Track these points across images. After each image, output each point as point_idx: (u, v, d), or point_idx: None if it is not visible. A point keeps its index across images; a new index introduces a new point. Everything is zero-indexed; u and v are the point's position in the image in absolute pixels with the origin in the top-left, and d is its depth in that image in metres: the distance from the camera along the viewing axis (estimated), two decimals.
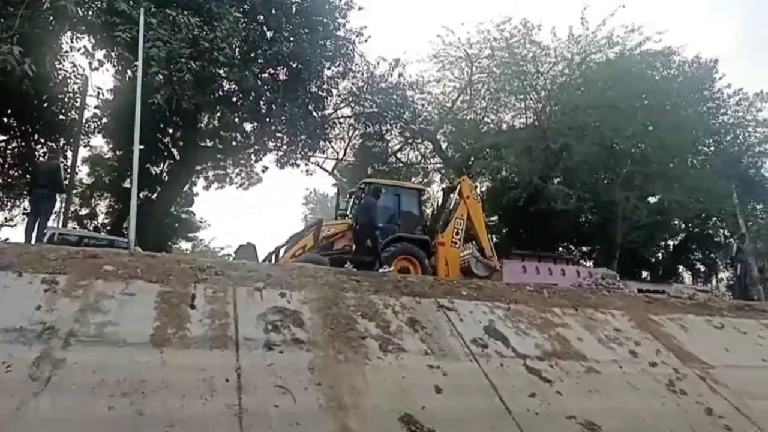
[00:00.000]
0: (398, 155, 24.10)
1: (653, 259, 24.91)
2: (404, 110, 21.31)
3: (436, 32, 22.26)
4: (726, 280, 23.72)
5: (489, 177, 23.36)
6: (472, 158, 22.50)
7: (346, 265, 9.87)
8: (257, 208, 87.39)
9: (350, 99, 21.30)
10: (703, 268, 24.49)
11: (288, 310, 6.64)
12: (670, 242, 24.91)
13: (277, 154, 20.38)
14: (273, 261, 11.53)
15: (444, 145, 23.70)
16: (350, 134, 23.01)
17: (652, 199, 22.07)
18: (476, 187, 23.26)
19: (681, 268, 24.91)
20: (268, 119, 18.56)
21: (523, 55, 20.92)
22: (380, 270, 9.88)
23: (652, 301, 10.48)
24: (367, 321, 6.81)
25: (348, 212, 13.16)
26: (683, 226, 23.96)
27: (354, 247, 11.94)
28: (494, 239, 15.81)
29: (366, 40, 19.49)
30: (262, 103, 18.39)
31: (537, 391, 6.38)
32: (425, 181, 23.80)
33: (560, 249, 22.94)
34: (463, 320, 7.47)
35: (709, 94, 22.66)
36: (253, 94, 17.76)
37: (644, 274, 23.70)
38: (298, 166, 20.88)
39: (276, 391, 5.28)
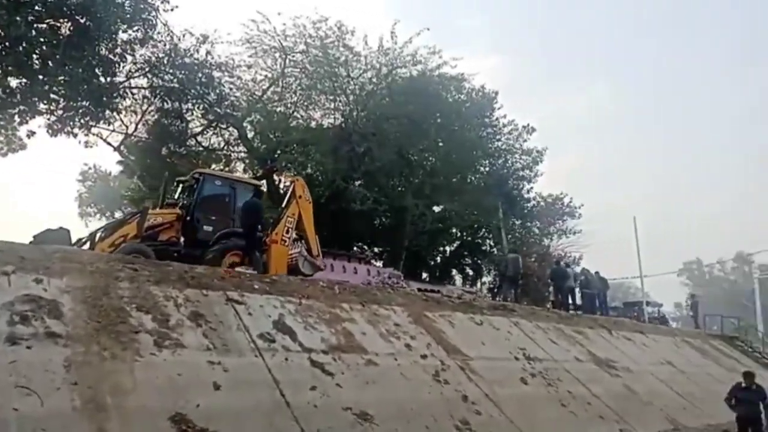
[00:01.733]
0: (199, 138, 22.56)
1: (432, 262, 27.53)
2: (209, 91, 20.08)
3: (251, 17, 21.47)
4: (488, 283, 27.38)
5: (294, 172, 23.35)
6: (279, 151, 22.21)
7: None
8: (19, 180, 74.01)
9: (147, 69, 19.30)
10: (471, 273, 27.84)
11: (43, 300, 5.71)
12: (448, 248, 27.77)
13: (49, 119, 17.37)
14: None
15: (250, 134, 22.93)
16: (144, 108, 20.80)
17: (436, 209, 24.40)
18: (280, 182, 23.12)
19: (454, 271, 27.96)
20: (41, 77, 15.75)
21: (336, 57, 21.42)
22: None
23: (428, 300, 11.56)
24: (142, 314, 6.19)
25: (178, 202, 12.31)
26: (459, 234, 26.96)
27: (183, 239, 11.33)
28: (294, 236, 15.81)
29: (172, 9, 17.91)
30: (35, 57, 15.56)
31: (318, 384, 6.50)
32: (227, 169, 22.70)
33: (355, 248, 23.98)
34: (252, 314, 7.28)
35: (489, 121, 25.92)
36: (24, 44, 14.93)
37: (424, 275, 26.04)
38: (75, 135, 18.06)
39: (18, 392, 4.51)
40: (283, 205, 13.64)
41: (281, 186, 22.56)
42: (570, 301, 18.25)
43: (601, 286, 19.80)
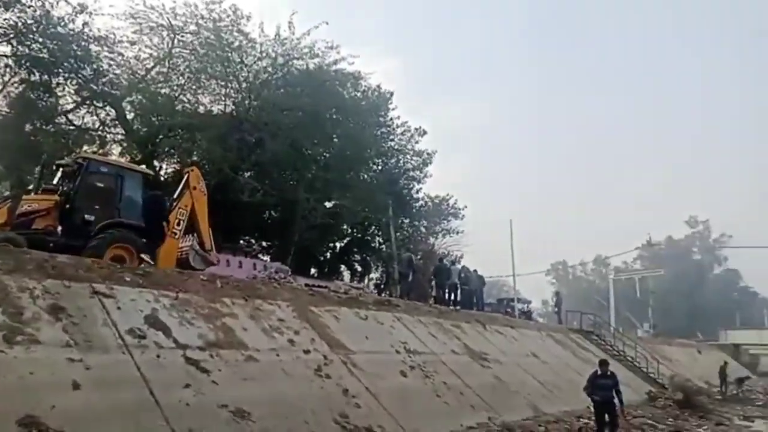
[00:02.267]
0: (70, 116, 20.51)
1: (322, 258, 27.50)
2: (84, 65, 18.32)
3: None
4: (375, 279, 27.90)
5: (177, 159, 22.10)
6: (162, 136, 20.91)
7: None
8: None
9: (12, 35, 17.19)
10: (359, 269, 28.20)
11: None
12: (338, 244, 27.90)
13: None
14: None
15: (130, 116, 21.29)
16: (6, 79, 18.50)
17: (328, 204, 24.39)
18: (161, 168, 21.78)
19: (343, 267, 28.17)
20: None
21: (230, 41, 20.57)
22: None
23: (315, 295, 11.56)
24: None
25: (57, 188, 11.07)
26: (349, 230, 27.21)
27: (61, 228, 10.33)
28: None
29: None
30: None
31: (193, 381, 6.25)
32: (101, 151, 20.89)
33: (242, 241, 23.28)
34: (121, 308, 6.81)
35: (384, 120, 26.38)
36: None
37: (313, 270, 25.96)
38: None
39: None
40: (175, 196, 13.08)
41: (162, 173, 21.32)
42: (452, 297, 19.19)
43: (478, 283, 21.04)
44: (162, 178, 20.03)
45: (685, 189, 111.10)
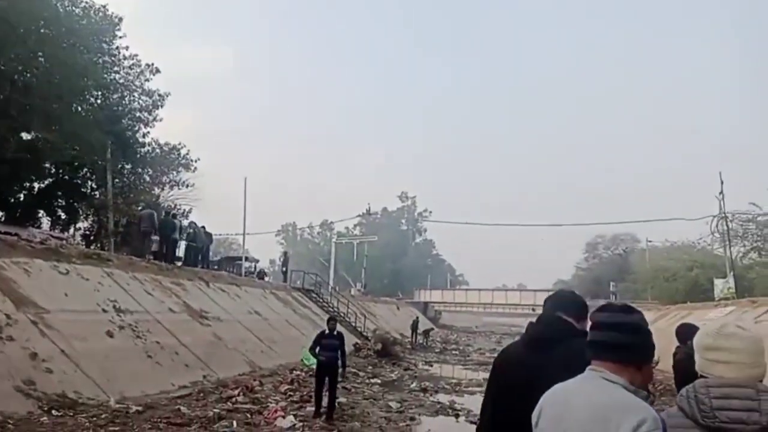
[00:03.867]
0: None
1: (13, 200, 22.69)
2: None
3: None
4: (83, 229, 24.37)
5: None
6: None
7: None
8: None
9: None
10: (64, 216, 24.19)
11: None
12: (36, 185, 23.28)
13: None
14: None
15: None
16: None
17: (26, 135, 20.14)
18: None
19: (42, 213, 23.75)
20: None
21: None
22: None
23: None
24: None
25: None
26: (53, 170, 22.94)
27: None
28: None
29: None
30: None
31: None
32: None
33: None
34: None
35: (108, 48, 22.80)
36: None
37: (0, 214, 21.35)
38: None
39: None
40: None
41: None
42: (173, 253, 18.13)
43: (206, 240, 20.38)
44: None
45: (403, 166, 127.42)
